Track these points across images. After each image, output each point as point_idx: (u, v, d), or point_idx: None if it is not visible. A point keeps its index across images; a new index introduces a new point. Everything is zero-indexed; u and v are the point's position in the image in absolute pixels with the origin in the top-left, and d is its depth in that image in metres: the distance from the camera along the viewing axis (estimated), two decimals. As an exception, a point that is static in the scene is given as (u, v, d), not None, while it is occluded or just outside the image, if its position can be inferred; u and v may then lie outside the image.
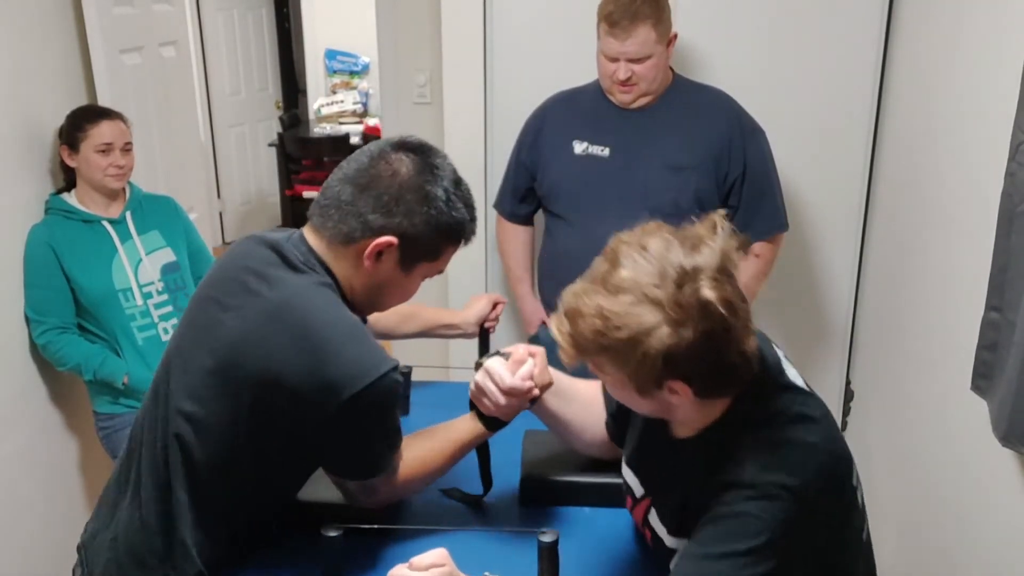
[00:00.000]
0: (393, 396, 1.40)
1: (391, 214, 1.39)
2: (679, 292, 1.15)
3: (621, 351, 1.17)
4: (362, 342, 1.39)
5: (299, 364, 1.34)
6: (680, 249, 1.20)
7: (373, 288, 1.46)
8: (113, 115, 2.47)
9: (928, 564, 2.28)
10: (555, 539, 1.33)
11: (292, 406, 1.36)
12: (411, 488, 1.54)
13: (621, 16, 2.19)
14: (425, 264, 1.46)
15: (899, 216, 2.60)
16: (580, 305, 1.20)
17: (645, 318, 1.15)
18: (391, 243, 1.40)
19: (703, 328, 1.15)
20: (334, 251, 1.43)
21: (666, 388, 1.21)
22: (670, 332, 1.15)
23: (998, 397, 1.75)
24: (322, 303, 1.39)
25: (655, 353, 1.15)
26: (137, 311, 2.47)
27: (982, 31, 2.06)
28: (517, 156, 2.52)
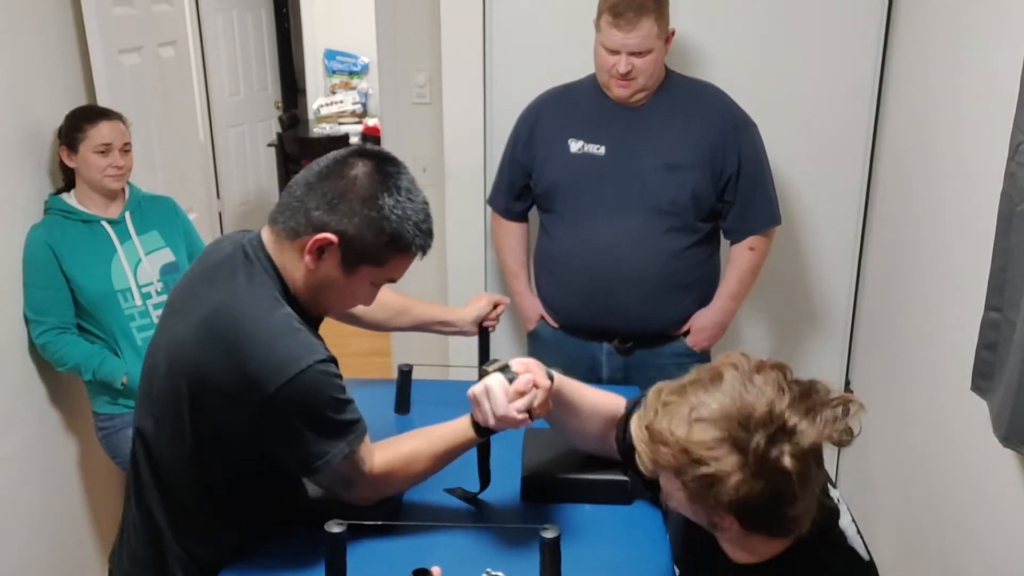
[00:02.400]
0: (321, 388, 1.39)
1: (333, 212, 1.40)
2: (767, 448, 1.13)
3: (690, 480, 1.17)
4: (287, 337, 1.39)
5: (224, 364, 1.37)
6: (789, 401, 1.16)
7: (315, 287, 1.46)
8: (112, 115, 2.47)
9: (928, 564, 2.28)
10: (557, 535, 1.34)
11: (224, 407, 1.39)
12: (394, 483, 1.53)
13: (626, 8, 2.19)
14: (368, 268, 1.45)
15: (898, 215, 2.60)
16: (666, 430, 1.18)
17: (725, 464, 1.14)
18: (330, 241, 1.40)
19: (775, 487, 1.14)
20: (281, 246, 1.45)
21: (717, 516, 1.21)
22: (743, 481, 1.14)
23: (998, 397, 1.75)
24: (253, 302, 1.41)
25: (723, 496, 1.15)
26: (136, 311, 2.47)
27: (982, 30, 2.06)
28: (512, 153, 2.51)
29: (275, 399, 1.36)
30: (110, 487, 2.90)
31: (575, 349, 2.46)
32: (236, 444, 1.45)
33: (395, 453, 1.52)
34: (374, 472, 1.49)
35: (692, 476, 1.16)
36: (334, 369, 1.43)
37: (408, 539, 1.53)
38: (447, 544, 1.51)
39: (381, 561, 1.45)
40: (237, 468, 1.49)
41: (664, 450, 1.18)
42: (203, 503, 1.52)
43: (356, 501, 1.51)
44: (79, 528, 2.74)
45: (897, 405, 2.54)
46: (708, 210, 2.37)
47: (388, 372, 3.54)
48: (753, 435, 1.13)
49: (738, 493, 1.14)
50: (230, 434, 1.44)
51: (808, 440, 1.15)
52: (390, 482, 1.52)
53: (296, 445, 1.42)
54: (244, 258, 1.46)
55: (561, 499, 1.63)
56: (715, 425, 1.15)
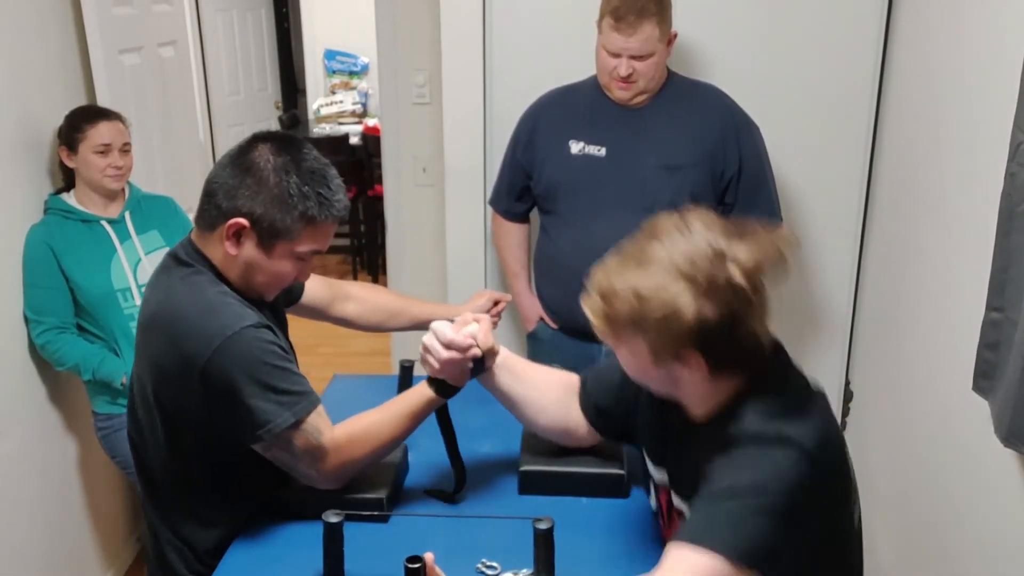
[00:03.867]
0: (252, 351, 1.45)
1: (236, 197, 1.47)
2: (712, 271, 1.21)
3: (652, 328, 1.22)
4: (215, 311, 1.47)
5: (167, 349, 1.47)
6: (722, 232, 1.25)
7: (243, 271, 1.53)
8: (112, 115, 2.47)
9: (928, 564, 2.28)
10: (550, 526, 1.36)
11: (178, 393, 1.48)
12: (359, 455, 1.55)
13: (627, 11, 2.18)
14: (284, 244, 1.50)
15: (899, 215, 2.60)
16: (614, 284, 1.25)
17: (679, 297, 1.20)
18: (242, 224, 1.48)
19: (729, 306, 1.21)
20: (206, 240, 1.54)
21: (681, 360, 1.25)
22: (699, 308, 1.20)
23: (1000, 397, 1.74)
24: (185, 292, 1.50)
25: (684, 328, 1.21)
26: (136, 311, 2.46)
27: (982, 30, 2.06)
28: (512, 154, 2.51)
29: (209, 369, 1.43)
30: (110, 487, 2.90)
31: (574, 350, 2.45)
32: (200, 432, 1.51)
33: (354, 424, 1.56)
34: (336, 443, 1.51)
35: (651, 320, 1.22)
36: (267, 335, 1.48)
37: (404, 529, 1.55)
38: (442, 535, 1.53)
39: (377, 551, 1.47)
40: (209, 458, 1.55)
41: (618, 303, 1.24)
42: (185, 495, 1.59)
43: (325, 479, 1.53)
44: (79, 528, 2.74)
45: (897, 405, 2.54)
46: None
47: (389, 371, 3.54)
48: (699, 266, 1.21)
49: (699, 321, 1.20)
50: (192, 421, 1.51)
51: (751, 257, 1.23)
52: (353, 453, 1.54)
53: (239, 414, 1.45)
54: (176, 261, 1.56)
55: (558, 492, 1.65)
56: (663, 268, 1.22)
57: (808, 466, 1.21)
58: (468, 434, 1.83)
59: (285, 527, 1.56)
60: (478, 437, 1.84)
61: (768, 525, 1.19)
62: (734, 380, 1.31)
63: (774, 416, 1.26)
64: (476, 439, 1.83)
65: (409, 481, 1.71)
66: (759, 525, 1.19)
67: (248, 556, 1.51)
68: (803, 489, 1.21)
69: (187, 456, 1.56)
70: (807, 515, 1.23)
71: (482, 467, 1.75)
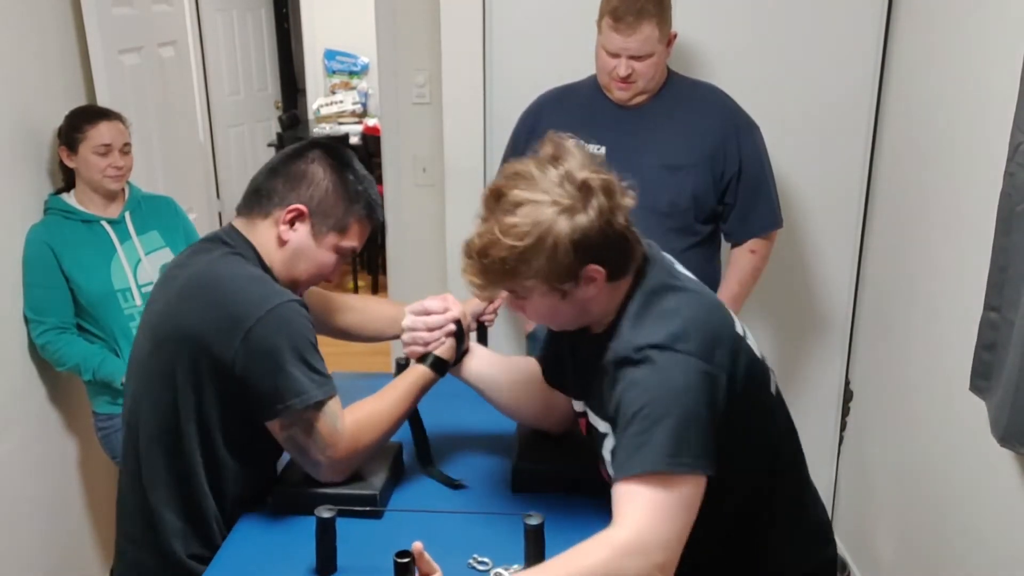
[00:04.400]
0: (298, 323, 1.51)
1: (298, 187, 1.60)
2: (564, 186, 1.32)
3: (532, 255, 1.31)
4: (259, 284, 1.53)
5: (205, 314, 1.50)
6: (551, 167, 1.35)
7: (289, 257, 1.61)
8: (112, 116, 2.47)
9: (928, 564, 2.28)
10: (540, 522, 1.37)
11: (210, 356, 1.49)
12: (367, 441, 1.58)
13: (626, 12, 2.18)
14: (334, 235, 1.61)
15: (898, 216, 2.60)
16: (484, 237, 1.33)
17: (544, 215, 1.30)
18: (301, 211, 1.59)
19: (595, 207, 1.32)
20: (254, 227, 1.62)
21: (583, 278, 1.34)
22: (568, 218, 1.30)
23: (997, 397, 1.75)
24: (226, 265, 1.56)
25: (564, 242, 1.30)
26: (136, 311, 2.47)
27: (982, 30, 2.06)
28: (512, 153, 2.51)
29: (257, 330, 1.47)
30: (110, 487, 2.90)
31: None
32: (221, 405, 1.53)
33: (358, 411, 1.59)
34: (347, 430, 1.54)
35: (537, 252, 1.30)
36: (307, 313, 1.55)
37: (395, 525, 1.56)
38: (434, 530, 1.53)
39: (369, 546, 1.47)
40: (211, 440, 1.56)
41: (493, 251, 1.32)
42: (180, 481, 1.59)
43: (333, 468, 1.55)
44: (79, 528, 2.74)
45: (897, 405, 2.54)
46: (708, 212, 2.37)
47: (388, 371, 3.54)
48: (552, 190, 1.32)
49: (573, 233, 1.30)
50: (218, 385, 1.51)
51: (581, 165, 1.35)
52: (363, 440, 1.57)
53: (277, 379, 1.48)
54: (220, 242, 1.62)
55: (552, 490, 1.65)
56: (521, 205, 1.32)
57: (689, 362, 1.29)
58: (463, 432, 1.85)
59: (278, 522, 1.57)
60: (473, 435, 1.85)
61: (686, 426, 1.26)
62: (623, 284, 1.40)
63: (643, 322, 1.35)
64: (471, 437, 1.84)
65: (403, 477, 1.71)
66: (676, 430, 1.25)
67: (241, 551, 1.51)
68: (697, 384, 1.28)
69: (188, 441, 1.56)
70: (711, 401, 1.29)
71: (476, 464, 1.75)
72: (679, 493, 1.25)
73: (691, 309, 1.36)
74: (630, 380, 1.31)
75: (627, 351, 1.32)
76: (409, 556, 1.23)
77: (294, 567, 1.44)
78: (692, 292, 1.41)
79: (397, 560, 1.23)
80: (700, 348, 1.30)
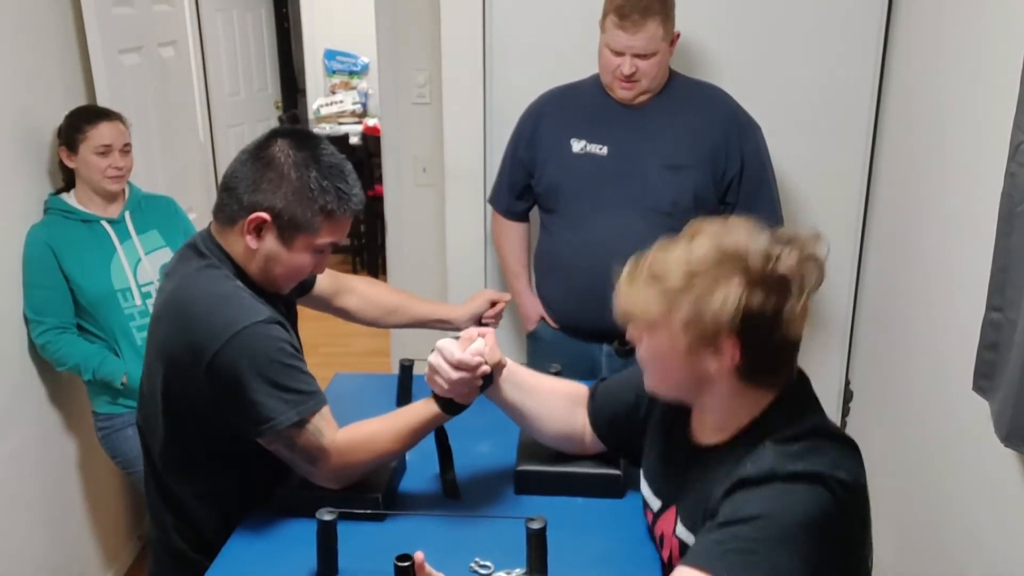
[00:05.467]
0: (261, 347, 1.46)
1: (257, 191, 1.51)
2: (761, 262, 1.21)
3: (698, 307, 1.21)
4: (228, 303, 1.49)
5: (176, 338, 1.50)
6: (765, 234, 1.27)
7: (262, 265, 1.56)
8: (112, 116, 2.47)
9: (928, 564, 2.28)
10: (543, 526, 1.36)
11: (182, 379, 1.50)
12: (358, 461, 1.55)
13: (632, 10, 2.18)
14: (305, 237, 1.53)
15: (899, 215, 2.60)
16: (666, 263, 1.25)
17: (730, 278, 1.20)
18: (263, 219, 1.51)
19: (775, 299, 1.21)
20: (226, 235, 1.57)
21: (717, 349, 1.23)
22: (749, 293, 1.20)
23: (1000, 397, 1.75)
24: (200, 282, 1.53)
25: (729, 311, 1.19)
26: (136, 311, 2.47)
27: (982, 30, 2.06)
28: (513, 152, 2.51)
29: (217, 362, 1.45)
30: (110, 487, 2.90)
31: (575, 350, 2.45)
32: (204, 423, 1.53)
33: (357, 430, 1.56)
34: (336, 446, 1.52)
35: (699, 298, 1.21)
36: (279, 332, 1.50)
37: (397, 528, 1.55)
38: (436, 534, 1.53)
39: (372, 549, 1.47)
40: (212, 447, 1.57)
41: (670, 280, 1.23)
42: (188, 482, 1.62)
43: (323, 479, 1.55)
44: (79, 528, 2.74)
45: (898, 405, 2.54)
46: (710, 211, 2.36)
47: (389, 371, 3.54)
48: (750, 256, 1.21)
49: (746, 306, 1.19)
50: (197, 411, 1.52)
51: (796, 256, 1.23)
52: (352, 459, 1.55)
53: (243, 408, 1.46)
54: (195, 251, 1.58)
55: (554, 492, 1.65)
56: (714, 253, 1.23)
57: (829, 504, 1.18)
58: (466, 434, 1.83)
59: (280, 524, 1.57)
60: (475, 437, 1.84)
61: (781, 560, 1.15)
62: (759, 397, 1.28)
63: (794, 454, 1.22)
64: (473, 439, 1.83)
65: (406, 480, 1.71)
66: (773, 559, 1.15)
67: (243, 553, 1.51)
68: (820, 527, 1.17)
69: (191, 445, 1.58)
70: (822, 555, 1.18)
71: (479, 467, 1.75)
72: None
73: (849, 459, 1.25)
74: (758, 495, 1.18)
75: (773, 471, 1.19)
76: (410, 560, 1.22)
77: (295, 569, 1.44)
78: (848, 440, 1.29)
79: (398, 564, 1.22)
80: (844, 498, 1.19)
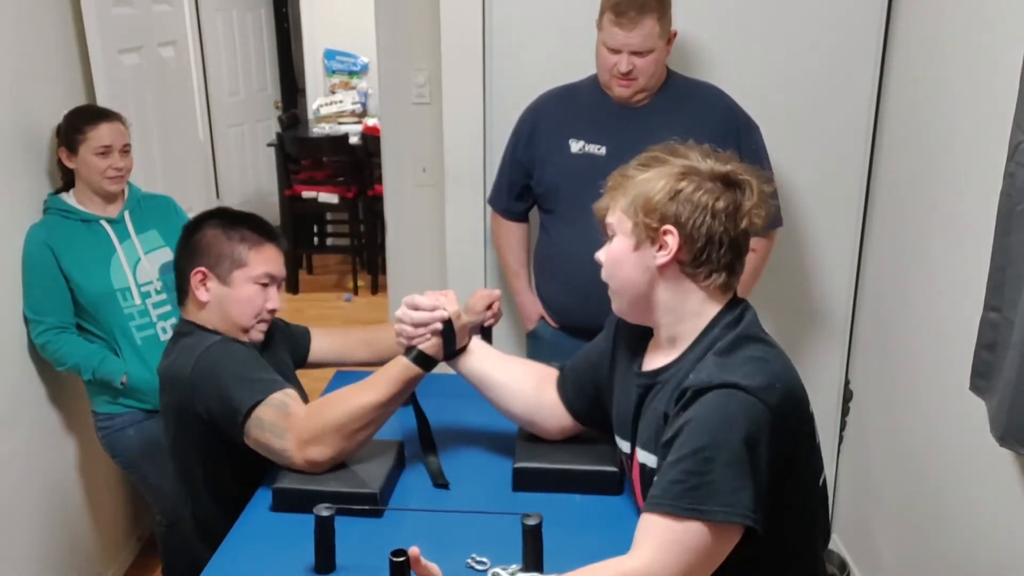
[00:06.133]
0: (221, 357, 1.70)
1: (191, 257, 1.81)
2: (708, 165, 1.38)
3: (641, 193, 1.37)
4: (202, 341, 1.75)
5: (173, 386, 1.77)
6: None
7: (219, 311, 1.80)
8: (112, 116, 2.47)
9: (928, 564, 2.28)
10: (539, 522, 1.37)
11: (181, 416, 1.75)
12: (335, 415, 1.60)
13: (628, 7, 2.19)
14: (239, 271, 1.79)
15: (898, 215, 2.60)
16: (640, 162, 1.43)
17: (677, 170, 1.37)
18: (202, 271, 1.79)
19: (716, 192, 1.34)
20: (189, 311, 1.84)
21: (658, 241, 1.36)
22: (686, 181, 1.35)
23: (997, 397, 1.75)
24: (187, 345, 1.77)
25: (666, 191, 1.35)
26: (136, 310, 2.47)
27: (981, 29, 2.06)
28: (512, 153, 2.51)
29: (194, 375, 1.68)
30: (110, 487, 2.91)
31: (575, 349, 2.42)
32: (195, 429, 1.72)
33: (327, 396, 1.67)
34: (305, 410, 1.61)
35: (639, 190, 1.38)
36: (238, 346, 1.75)
37: (394, 524, 1.56)
38: (433, 530, 1.54)
39: (368, 544, 1.47)
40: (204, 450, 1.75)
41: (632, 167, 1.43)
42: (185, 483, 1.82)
43: (299, 451, 1.58)
44: (79, 527, 2.74)
45: (896, 405, 2.54)
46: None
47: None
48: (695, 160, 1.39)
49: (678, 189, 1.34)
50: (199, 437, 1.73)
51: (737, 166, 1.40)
52: (326, 416, 1.59)
53: (222, 401, 1.64)
54: (178, 335, 1.84)
55: (551, 489, 1.66)
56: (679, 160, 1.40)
57: (764, 415, 1.24)
58: (464, 430, 1.85)
59: (278, 520, 1.58)
60: (474, 434, 1.85)
61: (735, 478, 1.21)
62: (705, 302, 1.38)
63: (730, 365, 1.29)
64: (472, 436, 1.84)
65: (403, 477, 1.71)
66: (727, 479, 1.21)
67: (241, 549, 1.52)
68: (758, 439, 1.23)
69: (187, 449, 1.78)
70: (767, 463, 1.24)
71: (477, 464, 1.76)
72: (705, 539, 1.21)
73: (782, 367, 1.33)
74: (700, 412, 1.26)
75: (711, 381, 1.27)
76: (405, 556, 1.23)
77: (293, 565, 1.44)
78: (781, 352, 1.38)
79: (393, 559, 1.23)
80: (779, 407, 1.26)
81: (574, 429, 1.72)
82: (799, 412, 1.32)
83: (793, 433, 1.30)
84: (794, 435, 1.31)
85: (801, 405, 1.33)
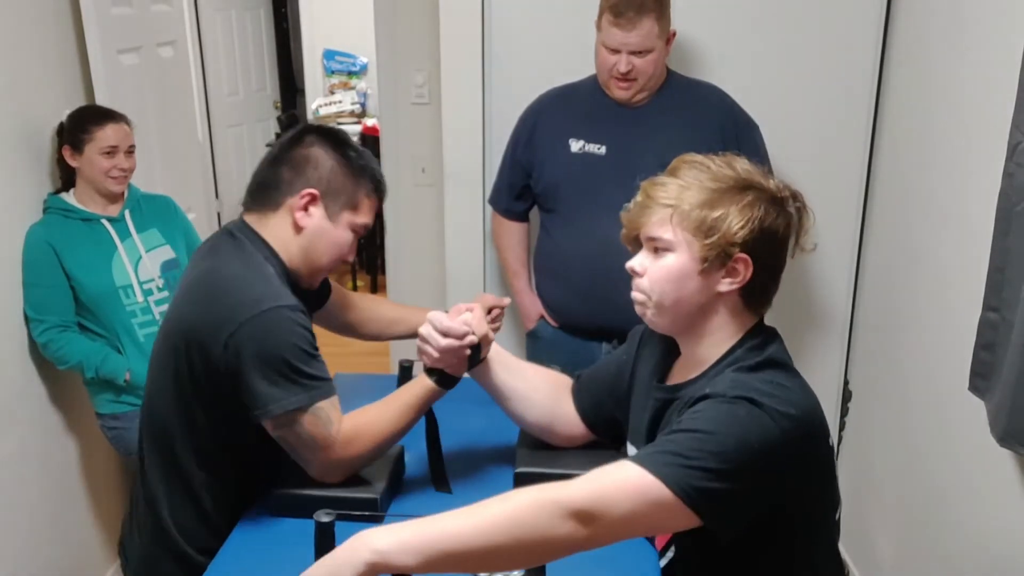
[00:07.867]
0: (284, 330, 1.49)
1: (304, 172, 1.61)
2: (773, 184, 1.34)
3: (718, 220, 1.29)
4: (259, 283, 1.53)
5: (203, 307, 1.54)
6: None
7: (308, 242, 1.62)
8: (118, 117, 2.47)
9: (928, 564, 2.28)
10: None
11: (202, 352, 1.51)
12: (360, 450, 1.57)
13: (627, 7, 2.19)
14: (349, 214, 1.63)
15: (897, 216, 2.60)
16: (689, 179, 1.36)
17: (744, 191, 1.31)
18: (313, 194, 1.60)
19: (784, 218, 1.32)
20: (265, 221, 1.62)
21: (729, 267, 1.31)
22: (764, 209, 1.31)
23: (996, 397, 1.75)
24: (229, 262, 1.57)
25: (747, 223, 1.29)
26: (138, 307, 2.47)
27: (981, 29, 2.07)
28: (512, 153, 2.52)
29: (240, 334, 1.47)
30: (111, 486, 2.91)
31: (575, 349, 2.46)
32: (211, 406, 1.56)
33: (358, 418, 1.58)
34: (341, 436, 1.54)
35: (715, 215, 1.29)
36: (302, 319, 1.52)
37: None
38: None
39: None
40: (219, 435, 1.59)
41: (692, 193, 1.33)
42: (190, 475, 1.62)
43: (324, 470, 1.55)
44: (80, 527, 2.74)
45: (896, 405, 2.54)
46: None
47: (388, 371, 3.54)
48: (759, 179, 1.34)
49: (759, 220, 1.29)
50: (207, 393, 1.54)
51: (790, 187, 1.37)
52: (355, 449, 1.56)
53: (257, 386, 1.49)
54: (230, 237, 1.63)
55: None
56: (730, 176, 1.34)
57: (772, 432, 1.20)
58: (466, 434, 1.84)
59: (278, 525, 1.57)
60: (475, 438, 1.84)
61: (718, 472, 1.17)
62: (744, 323, 1.36)
63: (748, 382, 1.26)
64: (473, 440, 1.84)
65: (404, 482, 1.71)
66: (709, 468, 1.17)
67: (240, 554, 1.51)
68: (757, 452, 1.19)
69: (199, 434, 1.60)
70: (760, 477, 1.20)
71: (478, 468, 1.75)
72: (659, 505, 1.18)
73: (801, 396, 1.28)
74: (710, 405, 1.23)
75: (725, 392, 1.23)
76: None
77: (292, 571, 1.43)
78: (805, 383, 1.32)
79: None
80: (790, 432, 1.21)
81: (584, 437, 1.70)
82: (814, 444, 1.28)
83: (804, 464, 1.26)
84: (804, 467, 1.26)
85: (816, 439, 1.28)
